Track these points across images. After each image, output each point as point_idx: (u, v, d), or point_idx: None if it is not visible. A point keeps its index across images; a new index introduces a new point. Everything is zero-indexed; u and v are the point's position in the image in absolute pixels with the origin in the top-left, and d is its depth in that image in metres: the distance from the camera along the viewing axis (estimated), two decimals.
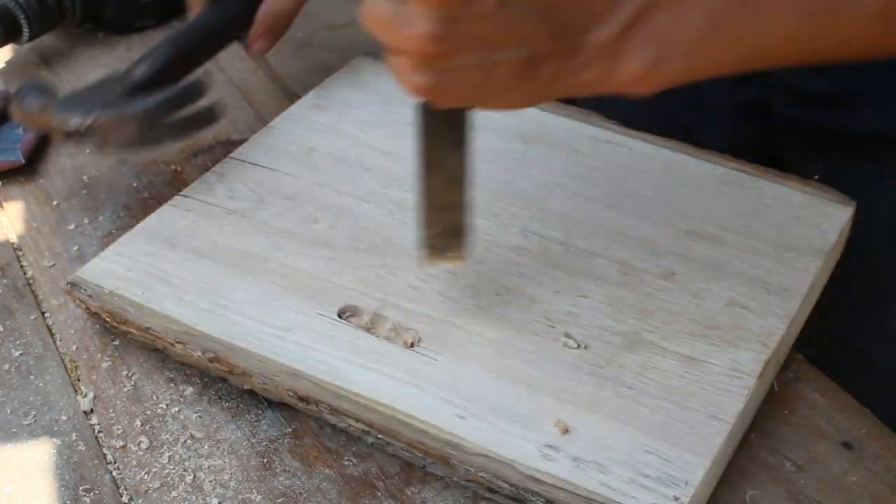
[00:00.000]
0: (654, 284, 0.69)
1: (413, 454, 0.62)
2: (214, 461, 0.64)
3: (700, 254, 0.71)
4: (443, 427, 0.60)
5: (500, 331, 0.66)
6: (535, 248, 0.72)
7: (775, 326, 0.66)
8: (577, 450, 0.59)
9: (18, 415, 0.68)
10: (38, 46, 1.03)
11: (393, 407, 0.62)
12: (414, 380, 0.63)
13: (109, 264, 0.72)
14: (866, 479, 0.62)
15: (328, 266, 0.70)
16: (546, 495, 0.57)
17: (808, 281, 0.69)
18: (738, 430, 0.62)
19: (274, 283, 0.70)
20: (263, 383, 0.65)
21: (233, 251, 0.73)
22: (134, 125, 0.76)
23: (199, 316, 0.68)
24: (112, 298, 0.69)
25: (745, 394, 0.62)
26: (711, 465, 0.58)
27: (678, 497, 0.57)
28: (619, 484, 0.57)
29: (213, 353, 0.66)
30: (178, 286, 0.70)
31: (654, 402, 0.62)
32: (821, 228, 0.72)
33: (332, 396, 0.63)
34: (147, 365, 0.70)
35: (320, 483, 0.63)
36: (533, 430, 0.60)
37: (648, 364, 0.64)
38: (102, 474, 0.64)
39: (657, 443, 0.59)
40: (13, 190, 0.87)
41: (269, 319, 0.67)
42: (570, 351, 0.65)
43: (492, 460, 0.59)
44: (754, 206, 0.75)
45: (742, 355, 0.64)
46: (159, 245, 0.73)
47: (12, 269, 0.79)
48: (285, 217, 0.75)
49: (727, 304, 0.67)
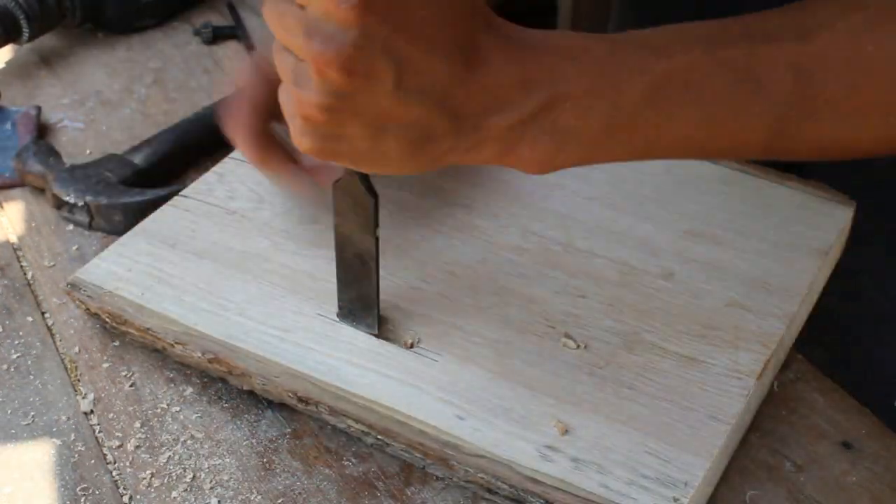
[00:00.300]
0: (653, 285, 0.69)
1: (412, 455, 0.62)
2: (214, 461, 0.64)
3: (700, 254, 0.71)
4: (442, 428, 0.61)
5: (499, 331, 0.66)
6: (534, 248, 0.72)
7: (775, 327, 0.66)
8: (576, 450, 0.59)
9: (18, 415, 0.68)
10: (38, 46, 1.03)
11: (392, 408, 0.62)
12: (413, 380, 0.63)
13: (109, 264, 0.72)
14: (866, 479, 0.62)
15: (328, 267, 0.70)
16: (545, 496, 0.57)
17: (808, 281, 0.69)
18: (737, 431, 0.62)
19: (274, 284, 0.70)
20: (263, 384, 0.65)
21: (232, 252, 0.73)
22: (122, 215, 0.80)
23: (198, 316, 0.68)
24: (111, 299, 0.69)
25: (745, 395, 0.62)
26: (711, 465, 0.58)
27: (677, 498, 0.57)
28: (618, 485, 0.57)
29: (212, 353, 0.66)
30: (178, 286, 0.70)
31: (653, 403, 0.62)
32: (821, 228, 0.72)
33: (331, 397, 0.63)
34: (147, 365, 0.70)
35: (320, 483, 0.63)
36: (532, 431, 0.60)
37: (648, 364, 0.64)
38: (102, 474, 0.64)
39: (656, 443, 0.59)
40: (13, 190, 0.87)
41: (269, 320, 0.67)
42: (570, 351, 0.65)
43: (491, 461, 0.59)
44: (754, 206, 0.75)
45: (742, 356, 0.64)
46: (159, 245, 0.73)
47: (12, 269, 0.79)
48: (285, 217, 0.75)
49: (727, 305, 0.67)
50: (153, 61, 1.02)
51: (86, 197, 0.81)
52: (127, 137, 0.91)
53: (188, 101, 0.96)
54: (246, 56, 1.01)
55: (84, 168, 0.84)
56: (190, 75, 1.00)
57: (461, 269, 0.71)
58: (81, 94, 0.98)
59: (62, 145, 0.91)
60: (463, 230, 0.74)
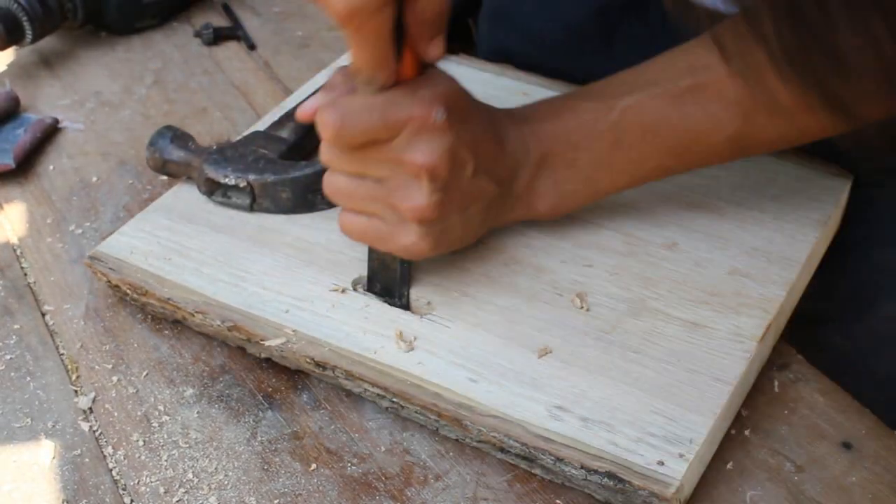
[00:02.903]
0: (658, 254, 0.71)
1: (427, 417, 0.64)
2: (214, 462, 0.64)
3: (702, 225, 0.73)
4: (456, 390, 0.63)
5: (509, 299, 0.68)
6: (543, 221, 0.74)
7: (776, 293, 0.68)
8: (585, 411, 0.61)
9: (18, 415, 0.68)
10: (39, 48, 1.03)
11: (407, 371, 0.64)
12: (427, 346, 0.65)
13: (129, 238, 0.74)
14: (866, 479, 0.63)
15: (342, 239, 0.72)
16: (556, 453, 0.60)
17: (807, 250, 0.71)
18: (739, 393, 0.64)
19: (289, 256, 0.72)
20: (281, 351, 0.67)
21: (248, 225, 0.75)
22: (291, 191, 0.75)
23: (217, 287, 0.70)
24: (133, 271, 0.72)
25: (748, 357, 0.64)
26: (714, 424, 0.60)
27: (683, 454, 0.59)
28: (626, 442, 0.59)
29: (231, 321, 0.68)
30: (197, 259, 0.72)
31: (659, 366, 0.64)
32: (820, 200, 0.74)
33: (347, 362, 0.65)
34: (147, 365, 0.71)
35: (320, 484, 0.63)
36: (543, 392, 0.62)
37: (653, 329, 0.66)
38: (102, 474, 0.64)
39: (663, 404, 0.61)
40: (13, 190, 0.87)
41: (286, 290, 0.69)
42: (578, 317, 0.67)
43: (503, 421, 0.61)
44: (756, 179, 0.77)
45: (744, 321, 0.66)
46: (177, 220, 0.75)
47: (12, 270, 0.79)
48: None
49: (729, 273, 0.70)
50: (153, 62, 1.02)
51: (248, 176, 0.75)
52: (127, 138, 0.91)
53: (188, 102, 0.96)
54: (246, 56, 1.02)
55: (234, 148, 0.78)
56: (190, 76, 1.00)
57: None
58: (81, 95, 0.98)
59: (62, 146, 0.91)
60: None
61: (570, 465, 0.59)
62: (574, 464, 0.59)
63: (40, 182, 0.87)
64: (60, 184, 0.87)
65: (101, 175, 0.88)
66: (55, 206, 0.85)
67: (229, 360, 0.71)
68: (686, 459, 0.58)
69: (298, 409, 0.67)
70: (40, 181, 0.87)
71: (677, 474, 0.58)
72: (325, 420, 0.67)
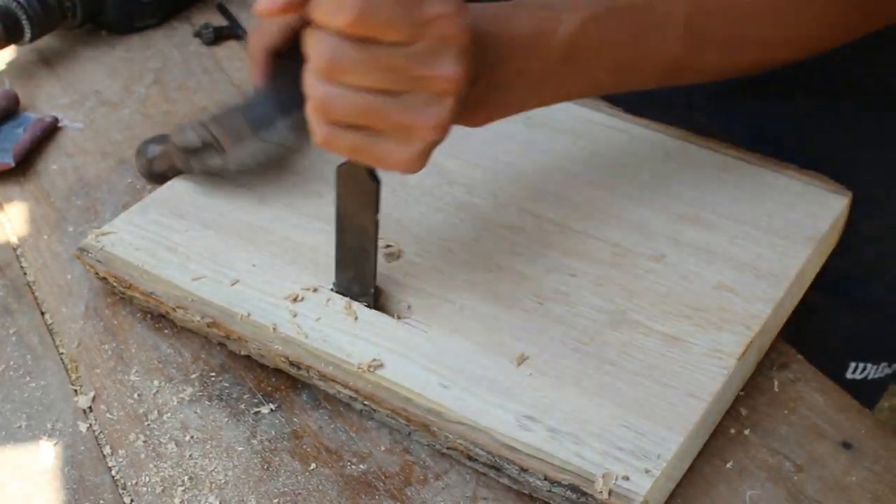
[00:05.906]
0: (644, 266, 0.70)
1: (398, 421, 0.63)
2: (214, 461, 0.64)
3: (692, 238, 0.72)
4: (426, 395, 0.62)
5: (489, 306, 0.68)
6: (530, 227, 0.73)
7: (761, 310, 0.67)
8: (554, 421, 0.60)
9: (18, 415, 0.68)
10: (39, 47, 1.03)
11: (379, 374, 0.63)
12: (402, 349, 0.65)
13: (119, 231, 0.74)
14: (866, 479, 0.62)
15: (328, 240, 0.72)
16: (521, 464, 0.59)
17: (797, 268, 0.69)
18: (715, 410, 0.63)
19: (275, 255, 0.72)
20: (258, 349, 0.67)
21: (237, 222, 0.75)
22: (244, 118, 0.73)
23: (199, 283, 0.70)
24: (119, 264, 0.72)
25: (725, 374, 0.63)
26: (685, 440, 0.59)
27: (649, 469, 0.58)
28: (592, 455, 0.59)
29: (210, 318, 0.68)
30: (183, 254, 0.72)
31: (633, 379, 0.63)
32: (814, 217, 0.73)
33: (321, 363, 0.65)
34: (147, 365, 0.70)
35: (320, 483, 0.63)
36: (514, 401, 0.62)
37: (632, 342, 0.65)
38: (102, 474, 0.64)
39: (633, 417, 0.61)
40: (13, 190, 0.87)
41: (267, 288, 0.70)
42: (557, 327, 0.66)
43: (471, 428, 0.61)
44: (751, 193, 0.75)
45: (725, 336, 0.65)
46: (168, 215, 0.76)
47: (12, 269, 0.79)
48: (291, 192, 0.77)
49: (715, 288, 0.68)
50: (153, 61, 1.02)
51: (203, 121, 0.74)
52: (127, 138, 0.91)
53: (188, 101, 0.96)
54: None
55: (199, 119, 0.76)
56: (190, 75, 1.00)
57: (457, 245, 0.72)
58: (81, 94, 0.97)
59: (62, 146, 0.91)
60: (462, 208, 0.75)
61: (535, 475, 0.59)
62: (538, 475, 0.58)
63: (40, 181, 0.88)
64: (60, 183, 0.87)
65: (100, 174, 0.88)
66: (55, 206, 0.85)
67: (229, 360, 0.70)
68: (652, 475, 0.58)
69: (298, 408, 0.67)
70: (40, 180, 0.88)
71: (641, 490, 0.57)
72: (325, 419, 0.67)
